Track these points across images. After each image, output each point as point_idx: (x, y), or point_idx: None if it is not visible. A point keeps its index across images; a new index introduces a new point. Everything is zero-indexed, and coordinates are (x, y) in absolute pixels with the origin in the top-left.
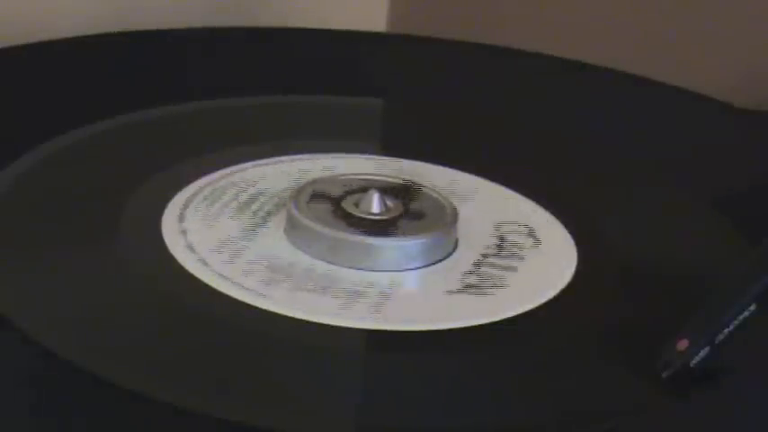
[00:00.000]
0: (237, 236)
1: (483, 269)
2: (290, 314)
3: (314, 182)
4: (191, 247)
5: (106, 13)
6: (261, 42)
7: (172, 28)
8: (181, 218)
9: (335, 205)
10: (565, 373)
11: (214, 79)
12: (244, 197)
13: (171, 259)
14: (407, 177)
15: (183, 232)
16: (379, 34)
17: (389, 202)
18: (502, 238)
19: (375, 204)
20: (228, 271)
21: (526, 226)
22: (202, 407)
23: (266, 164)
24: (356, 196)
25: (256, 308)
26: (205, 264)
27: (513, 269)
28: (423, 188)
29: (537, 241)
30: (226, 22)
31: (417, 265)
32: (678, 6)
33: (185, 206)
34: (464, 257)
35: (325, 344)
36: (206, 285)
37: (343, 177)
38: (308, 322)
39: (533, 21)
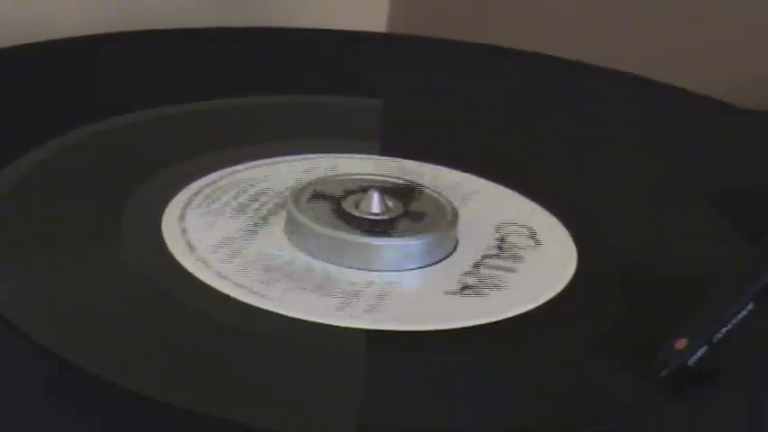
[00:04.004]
0: (237, 235)
1: (482, 270)
2: (287, 313)
3: (314, 182)
4: (191, 248)
5: (106, 13)
6: (261, 42)
7: (172, 28)
8: (181, 218)
9: (335, 205)
10: (565, 373)
11: (214, 79)
12: (244, 197)
13: (171, 259)
14: (408, 178)
15: (184, 232)
16: (379, 34)
17: (390, 203)
18: (502, 239)
19: (375, 204)
20: (226, 269)
21: (527, 227)
22: (202, 407)
23: (266, 164)
24: (356, 196)
25: (255, 307)
26: (205, 264)
27: (512, 270)
28: (425, 189)
29: (538, 242)
30: (226, 22)
31: (416, 266)
32: (678, 7)
33: (186, 206)
34: (464, 258)
35: (321, 343)
36: (206, 285)
37: (342, 177)
38: (304, 322)
39: (533, 21)
